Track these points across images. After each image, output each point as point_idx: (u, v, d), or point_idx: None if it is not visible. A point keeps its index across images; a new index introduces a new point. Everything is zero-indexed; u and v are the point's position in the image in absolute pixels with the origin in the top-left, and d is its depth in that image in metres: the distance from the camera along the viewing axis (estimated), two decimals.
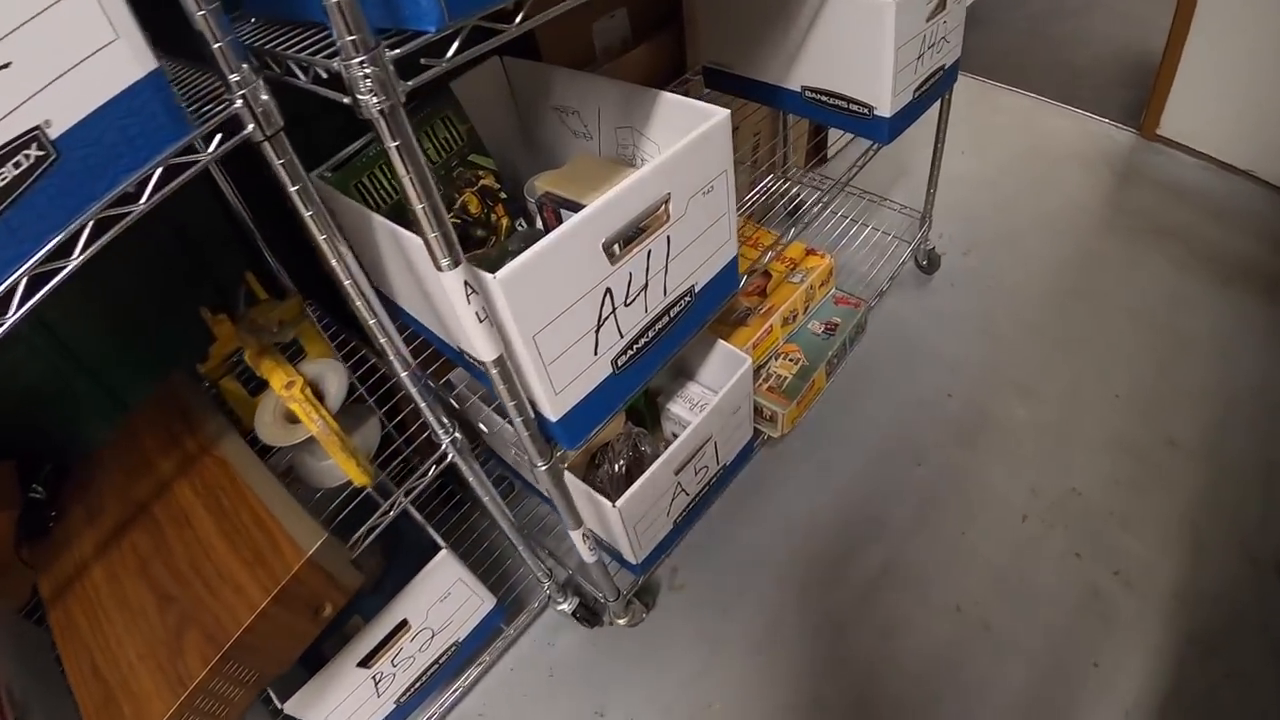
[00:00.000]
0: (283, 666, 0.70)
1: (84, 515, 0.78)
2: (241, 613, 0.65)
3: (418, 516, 0.90)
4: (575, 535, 0.86)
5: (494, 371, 0.63)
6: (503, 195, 0.92)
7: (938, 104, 1.15)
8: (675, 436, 1.15)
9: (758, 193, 1.19)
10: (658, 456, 1.07)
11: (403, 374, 0.69)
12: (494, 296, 0.58)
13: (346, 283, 0.61)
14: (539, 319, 0.62)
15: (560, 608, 1.07)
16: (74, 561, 0.75)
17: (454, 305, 0.57)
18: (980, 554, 1.10)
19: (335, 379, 0.75)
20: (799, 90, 1.06)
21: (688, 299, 0.79)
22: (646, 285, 0.71)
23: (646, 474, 0.90)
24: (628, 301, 0.70)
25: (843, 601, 1.08)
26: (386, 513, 0.75)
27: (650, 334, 0.75)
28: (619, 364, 0.73)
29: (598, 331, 0.68)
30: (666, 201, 0.69)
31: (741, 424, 1.08)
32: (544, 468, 0.74)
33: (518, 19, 0.49)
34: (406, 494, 0.75)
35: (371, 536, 0.75)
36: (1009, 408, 1.27)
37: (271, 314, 0.78)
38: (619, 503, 0.87)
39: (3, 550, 0.76)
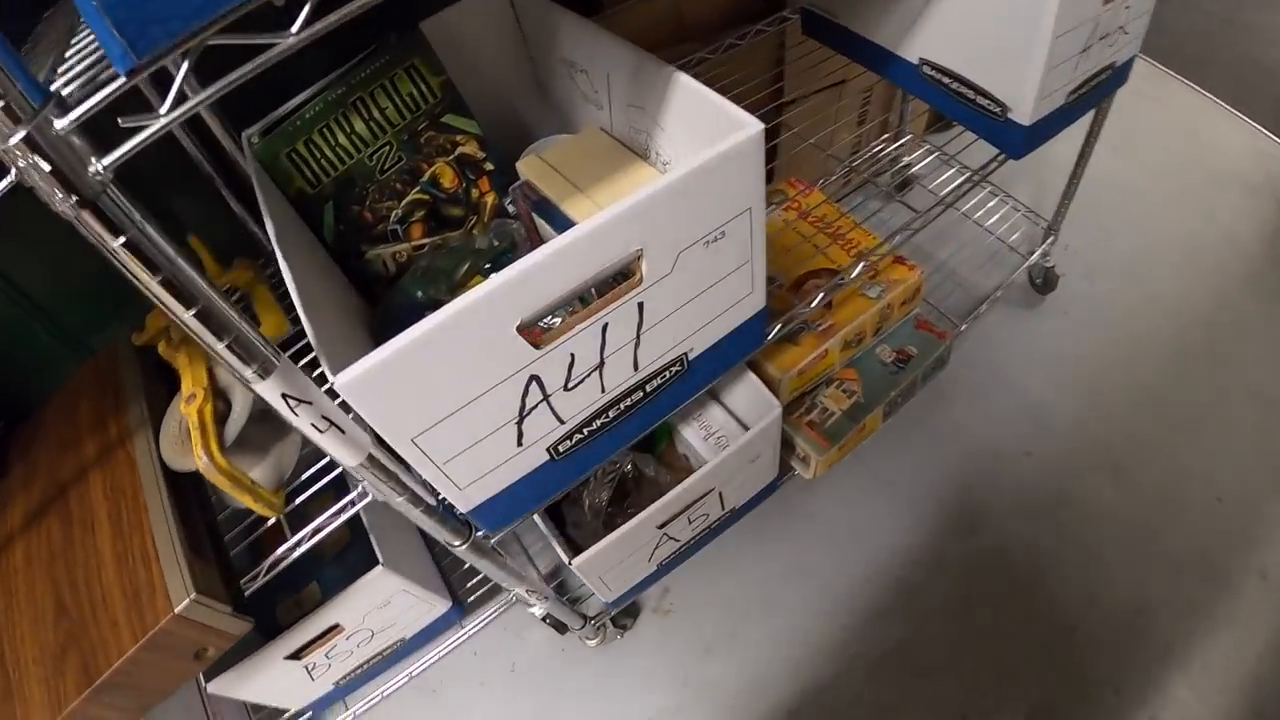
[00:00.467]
0: (162, 696, 0.61)
1: (21, 480, 0.69)
2: (113, 653, 0.55)
3: (365, 521, 0.77)
4: (519, 591, 0.70)
5: (366, 474, 0.44)
6: (488, 166, 0.69)
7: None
8: (686, 459, 0.95)
9: (863, 161, 0.86)
10: (658, 481, 0.89)
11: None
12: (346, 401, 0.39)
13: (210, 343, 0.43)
14: (418, 422, 0.42)
15: (532, 610, 0.94)
16: (4, 531, 0.67)
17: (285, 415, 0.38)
18: (1010, 661, 0.86)
19: (240, 393, 0.59)
20: (916, 63, 0.72)
21: (676, 368, 0.55)
22: (602, 364, 0.49)
23: (617, 532, 0.71)
24: (569, 386, 0.48)
25: (839, 678, 0.88)
26: (291, 550, 0.62)
27: (610, 415, 0.53)
28: (560, 450, 0.52)
29: (520, 423, 0.48)
30: (638, 258, 0.45)
31: (762, 470, 0.85)
32: (461, 547, 0.57)
33: (297, 25, 0.25)
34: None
35: (274, 573, 0.62)
36: (1095, 487, 0.97)
37: None
38: (575, 562, 0.70)
39: None
